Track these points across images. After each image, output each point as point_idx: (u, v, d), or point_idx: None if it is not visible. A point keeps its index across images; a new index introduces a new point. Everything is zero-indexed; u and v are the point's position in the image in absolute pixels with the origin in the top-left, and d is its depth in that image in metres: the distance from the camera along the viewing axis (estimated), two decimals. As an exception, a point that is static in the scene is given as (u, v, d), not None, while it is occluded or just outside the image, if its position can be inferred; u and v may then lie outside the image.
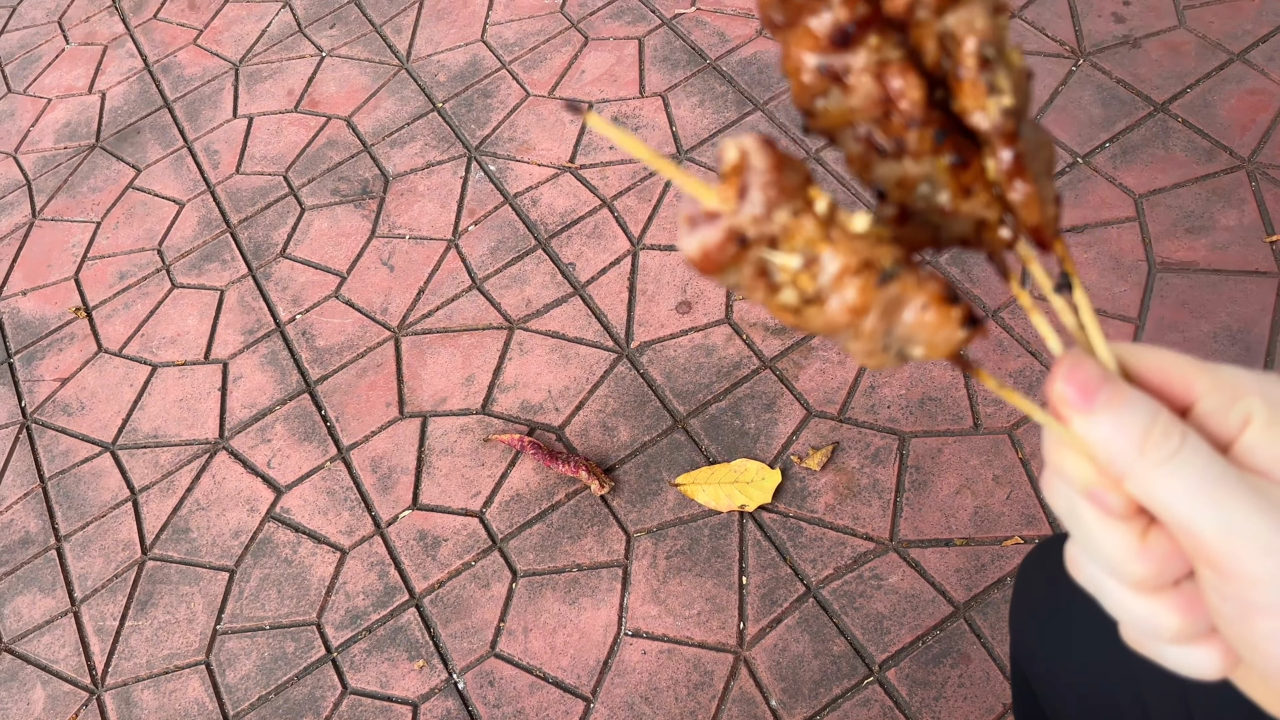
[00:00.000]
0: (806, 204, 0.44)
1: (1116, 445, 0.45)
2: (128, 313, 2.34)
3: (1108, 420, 0.45)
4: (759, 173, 0.43)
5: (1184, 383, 0.48)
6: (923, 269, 0.45)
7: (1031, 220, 0.45)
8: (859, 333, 0.45)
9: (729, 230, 0.43)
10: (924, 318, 0.45)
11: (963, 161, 0.45)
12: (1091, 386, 0.45)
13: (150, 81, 2.78)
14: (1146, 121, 2.06)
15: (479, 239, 2.26)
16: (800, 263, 0.44)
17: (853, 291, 0.44)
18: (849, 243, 0.44)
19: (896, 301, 0.45)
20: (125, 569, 2.00)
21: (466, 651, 1.79)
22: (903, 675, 1.64)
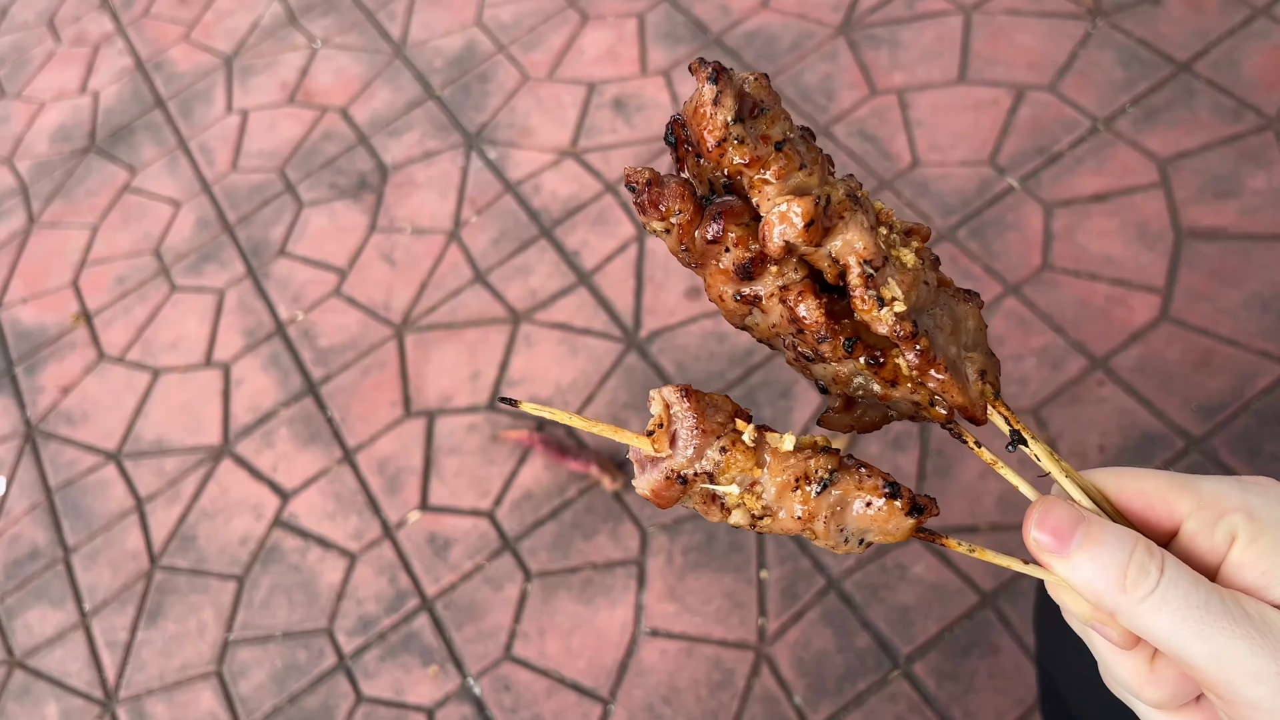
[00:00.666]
0: (734, 436, 0.49)
1: (1099, 585, 0.46)
2: (128, 318, 2.30)
3: (1084, 562, 0.46)
4: (683, 420, 0.49)
5: (1166, 505, 0.48)
6: (859, 469, 0.50)
7: (956, 403, 0.49)
8: (815, 533, 0.49)
9: (669, 472, 0.48)
10: (870, 513, 0.49)
11: (877, 362, 0.49)
12: (1064, 530, 0.47)
13: (143, 80, 2.73)
14: (1170, 82, 1.97)
15: (481, 229, 2.20)
16: (740, 490, 0.49)
17: (796, 504, 0.49)
18: (781, 462, 0.49)
19: (841, 503, 0.49)
20: (134, 580, 1.97)
21: (481, 655, 1.74)
22: (930, 668, 1.58)
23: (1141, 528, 0.49)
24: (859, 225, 0.47)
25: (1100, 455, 1.65)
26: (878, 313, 0.47)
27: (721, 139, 0.46)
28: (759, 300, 0.50)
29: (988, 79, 2.08)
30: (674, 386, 0.49)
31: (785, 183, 0.47)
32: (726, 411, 0.50)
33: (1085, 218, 1.87)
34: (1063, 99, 2.01)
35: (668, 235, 0.50)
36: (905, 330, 0.47)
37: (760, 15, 2.33)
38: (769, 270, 0.49)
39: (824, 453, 0.50)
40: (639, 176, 0.49)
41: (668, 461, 0.49)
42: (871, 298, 0.47)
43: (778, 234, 0.46)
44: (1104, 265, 1.81)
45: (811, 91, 2.18)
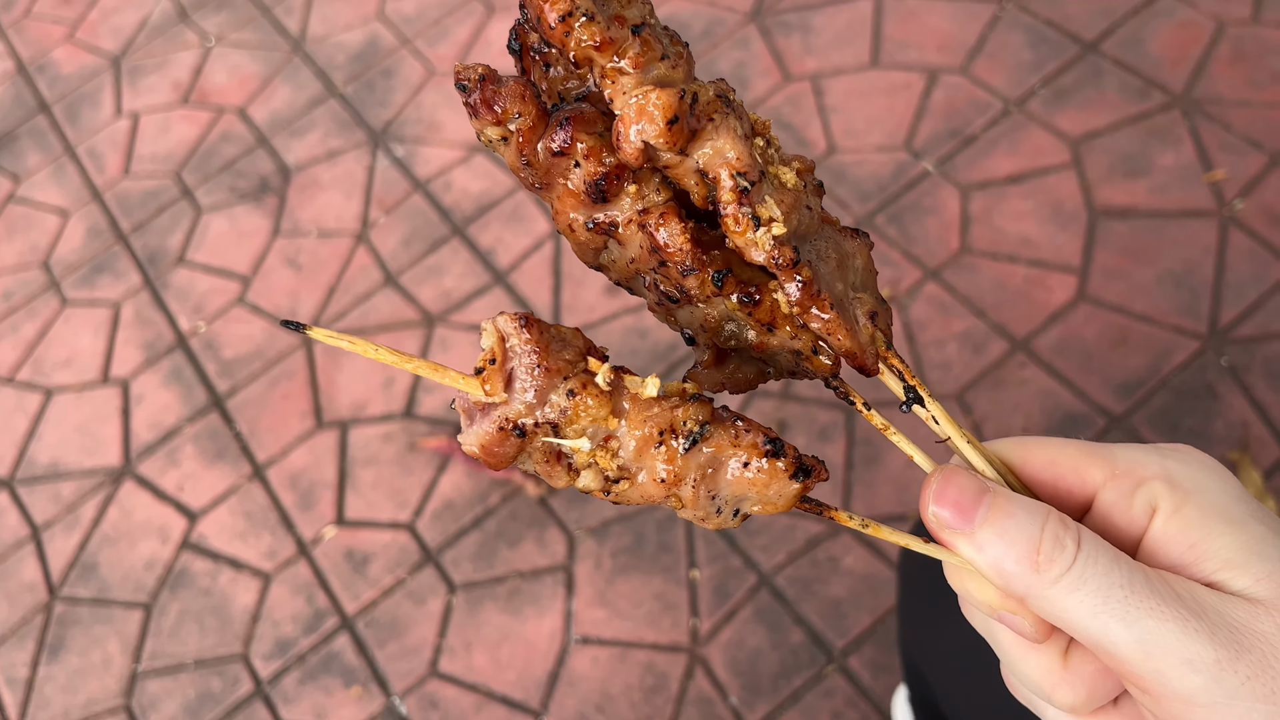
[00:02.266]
0: (585, 378, 0.40)
1: (1007, 565, 0.40)
2: (15, 336, 2.17)
3: (991, 538, 0.40)
4: (521, 356, 0.39)
5: (1078, 475, 0.43)
6: (736, 422, 0.42)
7: (843, 348, 0.42)
8: (681, 500, 0.41)
9: (503, 421, 0.39)
10: (748, 475, 0.42)
11: (752, 299, 0.42)
12: (966, 503, 0.41)
13: (25, 83, 2.58)
14: (1078, 63, 1.98)
15: (390, 230, 2.12)
16: (591, 445, 0.40)
17: (659, 463, 0.41)
18: (643, 411, 0.41)
19: (713, 462, 0.42)
20: (33, 613, 1.86)
21: (406, 673, 1.68)
22: (864, 661, 1.56)
23: (1052, 500, 0.44)
24: (731, 131, 0.40)
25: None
26: (753, 235, 0.40)
27: (566, 12, 0.38)
28: (615, 229, 0.42)
29: (900, 63, 2.07)
30: (511, 314, 0.40)
31: (644, 73, 0.39)
32: (577, 347, 0.41)
33: (1001, 200, 1.86)
34: (974, 81, 2.01)
35: (505, 145, 0.42)
36: (785, 257, 0.40)
37: (671, 2, 2.29)
38: (626, 191, 0.41)
39: (694, 401, 0.42)
40: (469, 73, 0.41)
41: (501, 408, 0.39)
42: (746, 216, 0.40)
43: (634, 132, 0.39)
44: (1021, 247, 1.81)
45: (726, 77, 2.14)
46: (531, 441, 0.40)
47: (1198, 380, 1.64)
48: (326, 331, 0.38)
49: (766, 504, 0.42)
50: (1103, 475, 0.43)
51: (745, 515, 0.43)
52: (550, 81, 0.43)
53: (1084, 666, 0.42)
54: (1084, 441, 0.44)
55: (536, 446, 0.40)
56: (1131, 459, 0.42)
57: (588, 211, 0.42)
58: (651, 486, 0.41)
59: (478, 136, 0.41)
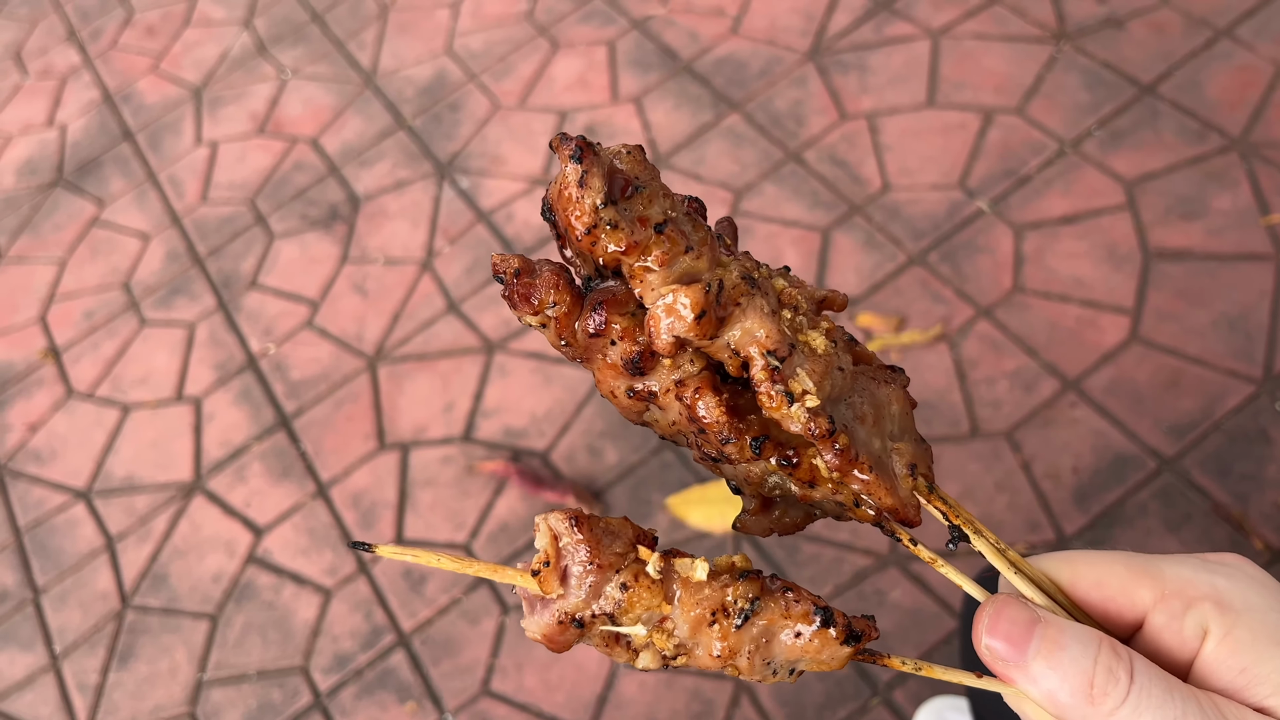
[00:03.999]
0: (636, 569, 0.43)
1: (1062, 697, 0.41)
2: (96, 353, 2.27)
3: (1044, 671, 0.41)
4: (574, 554, 0.42)
5: (1127, 596, 0.44)
6: (785, 593, 0.44)
7: (885, 506, 0.44)
8: (738, 669, 0.44)
9: (561, 615, 0.42)
10: (800, 644, 0.44)
11: (790, 463, 0.44)
12: (1018, 635, 0.42)
13: (110, 112, 2.71)
14: (1134, 105, 1.99)
15: (453, 259, 2.19)
16: (647, 629, 0.43)
17: (714, 640, 0.43)
18: (694, 595, 0.43)
19: (766, 634, 0.44)
20: (105, 621, 1.94)
21: (458, 691, 1.72)
22: (909, 694, 1.58)
23: (1102, 622, 0.45)
24: (758, 311, 0.42)
25: (1075, 477, 1.65)
26: (788, 410, 0.41)
27: (591, 225, 0.41)
28: (654, 397, 0.44)
29: (956, 103, 2.10)
30: (562, 513, 0.42)
31: (670, 269, 0.41)
32: (626, 539, 0.43)
33: (1055, 240, 1.88)
34: (1030, 122, 2.03)
35: (544, 329, 0.44)
36: (821, 428, 0.42)
37: (729, 41, 2.34)
38: (661, 364, 0.43)
39: (743, 579, 0.44)
40: (506, 265, 0.43)
41: (559, 603, 0.42)
42: (779, 393, 0.41)
43: (665, 329, 0.41)
44: (1074, 287, 1.82)
45: (781, 117, 2.18)
46: (590, 630, 0.43)
47: (1251, 424, 1.63)
48: (393, 548, 0.44)
49: (820, 665, 0.44)
50: (1152, 596, 0.43)
51: (800, 673, 0.46)
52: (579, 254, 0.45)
53: None
54: (1131, 556, 0.45)
55: (595, 633, 0.43)
56: (1180, 578, 0.43)
57: (627, 381, 0.44)
58: (708, 660, 0.43)
59: (518, 319, 0.45)
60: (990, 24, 2.18)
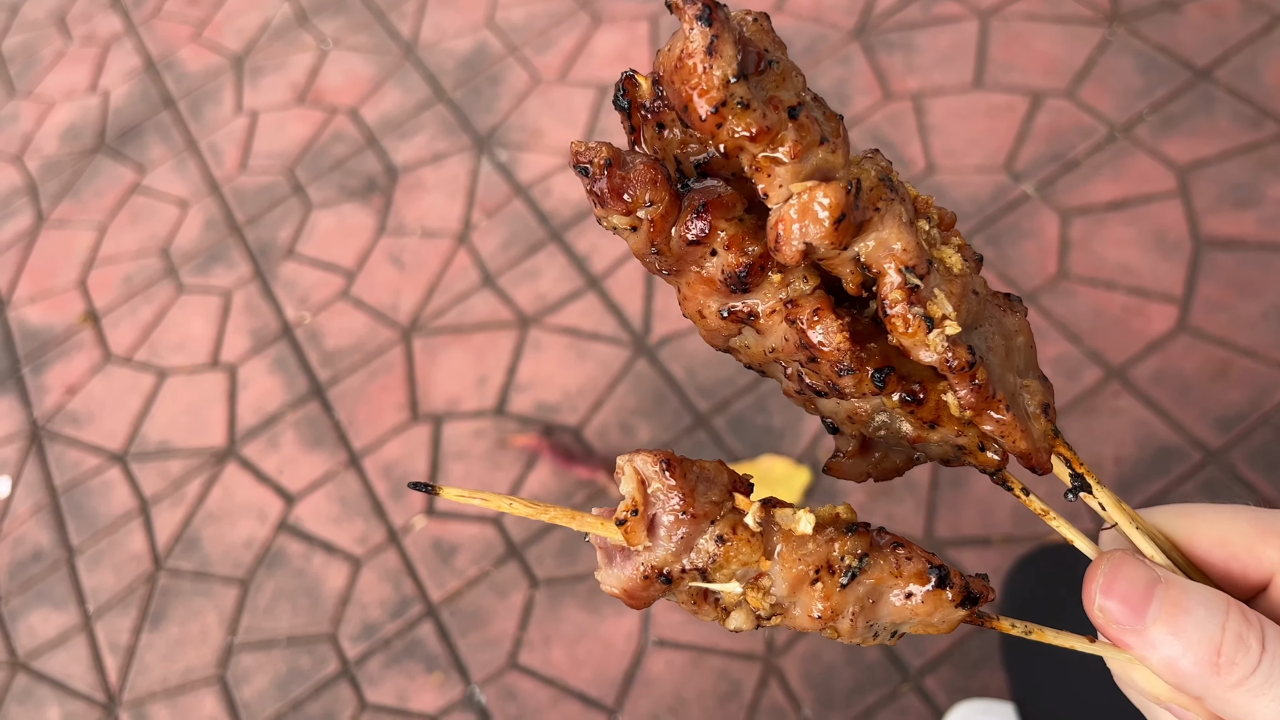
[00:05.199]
0: (734, 519, 0.38)
1: (1184, 665, 0.37)
2: (134, 319, 2.29)
3: (1165, 637, 0.37)
4: (665, 503, 0.37)
5: (1252, 555, 0.40)
6: (896, 549, 0.39)
7: (1018, 450, 0.39)
8: (838, 631, 0.39)
9: (647, 569, 0.37)
10: (910, 605, 0.39)
11: (916, 399, 0.38)
12: (1137, 597, 0.38)
13: (153, 80, 2.72)
14: (1188, 90, 1.95)
15: (490, 232, 2.18)
16: (742, 587, 0.38)
17: (815, 601, 0.38)
18: (797, 550, 0.38)
19: (873, 594, 0.39)
20: (138, 583, 1.95)
21: (486, 664, 1.72)
22: (941, 682, 1.56)
23: (1223, 584, 0.41)
24: (896, 219, 0.36)
25: (1116, 467, 1.62)
26: (924, 337, 0.36)
27: (720, 103, 0.34)
28: (754, 318, 0.38)
29: (1004, 84, 2.06)
30: (651, 454, 0.37)
31: (803, 162, 0.35)
32: (722, 485, 0.38)
33: (1102, 226, 1.84)
34: (1080, 105, 1.99)
35: (633, 234, 0.38)
36: (960, 359, 0.36)
37: (774, 18, 2.31)
38: (769, 279, 0.37)
39: (851, 532, 0.39)
40: (594, 155, 0.36)
41: (644, 556, 0.37)
42: (917, 317, 0.36)
43: (796, 234, 0.35)
44: (1121, 274, 1.78)
45: (825, 96, 2.14)
46: (677, 586, 0.38)
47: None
48: (458, 490, 0.37)
49: (929, 628, 0.41)
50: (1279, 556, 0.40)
51: (901, 635, 0.42)
52: (664, 144, 0.38)
53: None
54: (1256, 512, 0.41)
55: (683, 589, 0.38)
56: None
57: (722, 300, 0.38)
58: (806, 621, 0.39)
59: (599, 221, 0.38)
60: (1041, 5, 2.13)
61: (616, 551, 0.38)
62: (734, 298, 0.38)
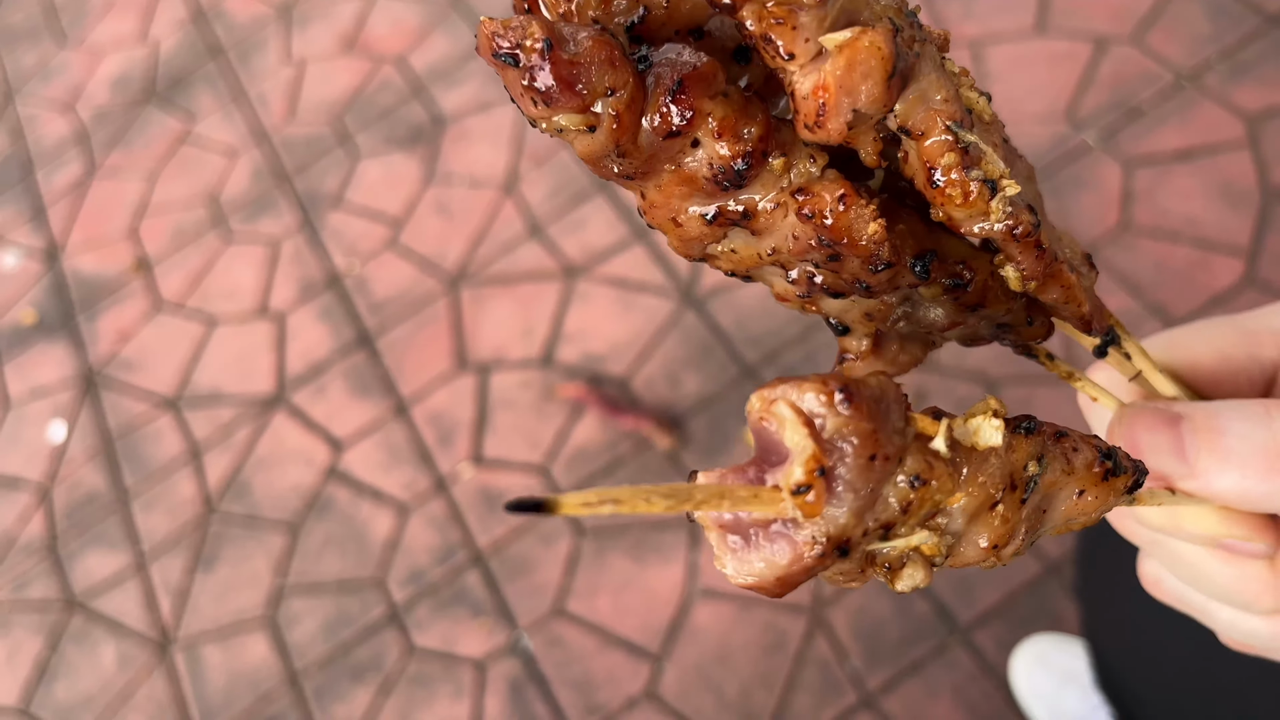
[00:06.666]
0: (926, 454, 0.29)
1: (1251, 485, 0.35)
2: (185, 267, 2.31)
3: (1217, 466, 0.35)
4: (848, 450, 0.27)
5: (1255, 362, 0.39)
6: (1060, 438, 0.32)
7: (1080, 314, 0.34)
8: (1000, 559, 0.32)
9: (823, 544, 0.27)
10: (1080, 504, 0.33)
11: (963, 284, 0.32)
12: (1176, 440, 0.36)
13: (201, 29, 2.72)
14: (1259, 36, 1.88)
15: (537, 182, 2.17)
16: (926, 536, 0.30)
17: (992, 527, 0.30)
18: (982, 470, 0.30)
19: (1045, 503, 0.32)
20: (190, 526, 1.98)
21: (532, 610, 1.73)
22: (990, 637, 1.54)
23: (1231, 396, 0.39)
24: (933, 65, 0.30)
25: (1176, 423, 1.58)
26: (988, 204, 0.30)
27: None
28: (750, 217, 0.31)
29: (1066, 30, 1.99)
30: (812, 381, 0.27)
31: (827, 6, 0.27)
32: (899, 406, 0.29)
33: (1167, 177, 1.79)
34: (1145, 52, 1.92)
35: (589, 135, 0.29)
36: (1025, 224, 0.30)
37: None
38: (769, 167, 0.30)
39: (1027, 434, 0.31)
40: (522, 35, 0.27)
41: (812, 527, 0.27)
42: (978, 182, 0.29)
43: (846, 102, 0.27)
44: (1185, 226, 1.73)
45: None
46: (852, 555, 0.28)
47: (1372, 375, 1.55)
48: (581, 498, 0.25)
49: (1085, 524, 0.35)
50: (1278, 352, 0.39)
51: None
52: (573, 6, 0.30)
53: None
54: (1232, 319, 0.40)
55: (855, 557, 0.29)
56: None
57: (706, 200, 0.31)
58: (974, 554, 0.31)
59: (534, 124, 0.30)
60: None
61: (758, 529, 0.28)
62: (724, 196, 0.30)
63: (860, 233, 0.30)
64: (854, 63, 0.27)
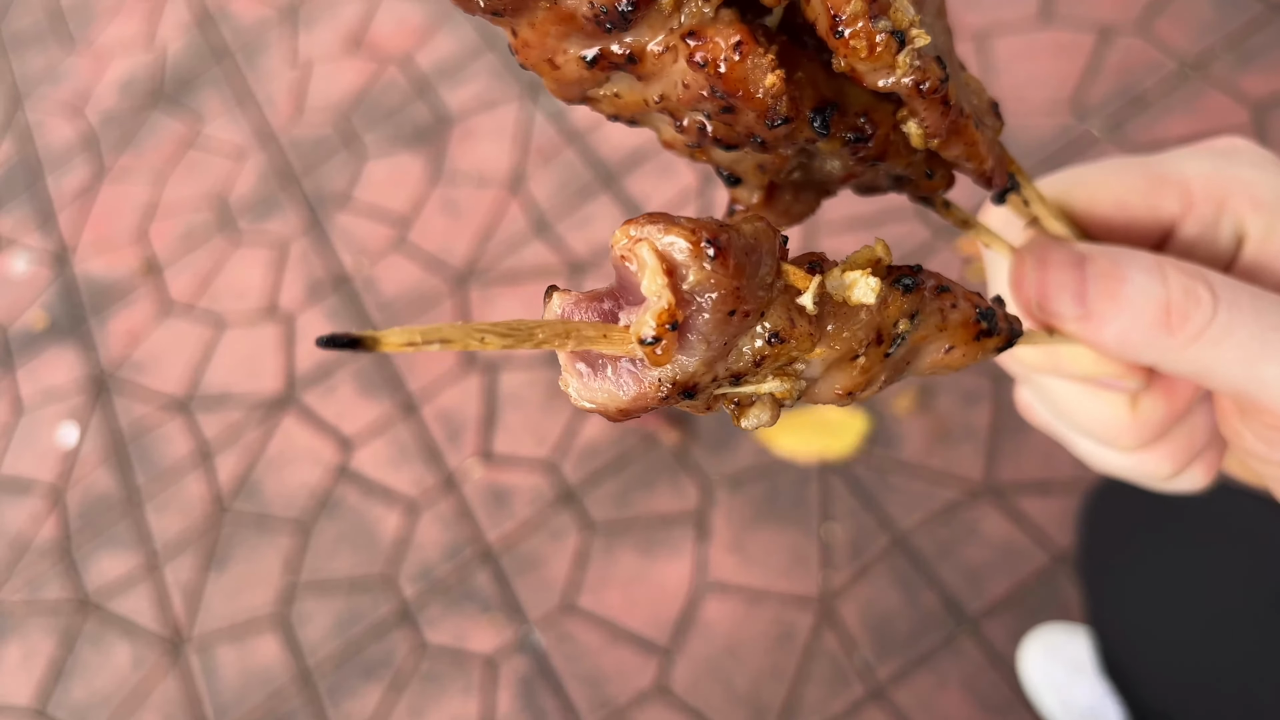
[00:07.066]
0: (789, 306, 0.28)
1: (1134, 335, 0.35)
2: (194, 269, 2.32)
3: (1110, 311, 0.35)
4: (705, 305, 0.25)
5: (1151, 211, 0.38)
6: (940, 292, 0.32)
7: (981, 170, 0.32)
8: (856, 400, 0.31)
9: (666, 386, 0.26)
10: (946, 358, 0.32)
11: (864, 138, 0.30)
12: (1071, 282, 0.35)
13: (207, 31, 2.74)
14: (1264, 24, 1.87)
15: (543, 180, 2.17)
16: (778, 384, 0.29)
17: (851, 375, 0.30)
18: (848, 325, 0.29)
19: (911, 354, 0.32)
20: (202, 526, 2.00)
21: (542, 606, 1.74)
22: (999, 628, 1.54)
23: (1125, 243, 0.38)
24: None
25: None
26: (895, 57, 0.28)
27: None
28: (635, 61, 0.28)
29: (1071, 20, 1.99)
30: (681, 227, 0.25)
31: None
32: (771, 256, 0.28)
33: (1172, 165, 1.78)
34: (1150, 41, 1.92)
35: None
36: (933, 78, 0.28)
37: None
38: (657, 6, 0.27)
39: (905, 289, 0.31)
40: None
41: (661, 370, 0.26)
42: (886, 33, 0.27)
43: None
44: (1191, 215, 1.73)
45: (883, 36, 2.10)
46: (699, 397, 0.28)
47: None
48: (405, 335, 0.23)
49: (948, 372, 0.35)
50: (1177, 205, 0.38)
51: None
52: None
53: (1155, 413, 0.39)
54: (1142, 162, 0.39)
55: (702, 398, 0.29)
56: (1205, 178, 0.38)
57: (585, 41, 0.28)
58: (829, 396, 0.30)
59: None
60: (1110, -62, 2.05)
61: (607, 361, 0.27)
62: (606, 37, 0.27)
63: (757, 85, 0.27)
64: None
